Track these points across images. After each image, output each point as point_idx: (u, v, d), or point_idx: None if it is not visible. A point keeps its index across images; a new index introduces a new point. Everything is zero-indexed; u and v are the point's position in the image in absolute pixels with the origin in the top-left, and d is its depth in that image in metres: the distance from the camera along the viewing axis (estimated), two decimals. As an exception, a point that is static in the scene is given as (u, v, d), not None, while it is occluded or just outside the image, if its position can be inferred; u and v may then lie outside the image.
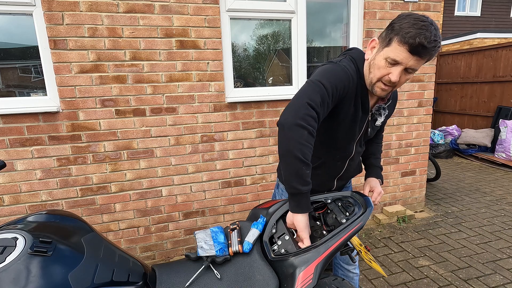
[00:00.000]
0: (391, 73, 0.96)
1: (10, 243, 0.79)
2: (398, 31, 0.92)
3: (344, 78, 1.02)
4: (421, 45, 0.88)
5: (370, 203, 1.04)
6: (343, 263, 1.49)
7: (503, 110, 5.26)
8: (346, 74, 1.03)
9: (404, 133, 3.03)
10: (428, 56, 0.93)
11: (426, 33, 0.88)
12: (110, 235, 2.36)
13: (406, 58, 0.92)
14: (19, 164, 2.08)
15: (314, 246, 0.94)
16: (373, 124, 1.23)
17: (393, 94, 1.25)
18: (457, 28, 11.27)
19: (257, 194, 2.67)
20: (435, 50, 0.91)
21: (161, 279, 0.95)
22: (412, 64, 0.94)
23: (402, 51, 0.92)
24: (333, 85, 0.98)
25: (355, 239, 1.25)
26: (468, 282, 2.13)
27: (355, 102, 1.10)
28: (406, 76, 0.98)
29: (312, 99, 0.94)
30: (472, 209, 3.31)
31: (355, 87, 1.07)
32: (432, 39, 0.88)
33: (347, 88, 1.03)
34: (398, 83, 0.99)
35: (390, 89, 1.02)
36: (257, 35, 2.63)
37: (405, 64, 0.94)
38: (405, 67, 0.95)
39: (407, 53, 0.92)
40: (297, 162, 0.92)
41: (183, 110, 2.34)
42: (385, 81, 0.99)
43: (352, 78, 1.05)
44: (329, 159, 1.25)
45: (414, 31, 0.88)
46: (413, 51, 0.90)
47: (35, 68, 2.15)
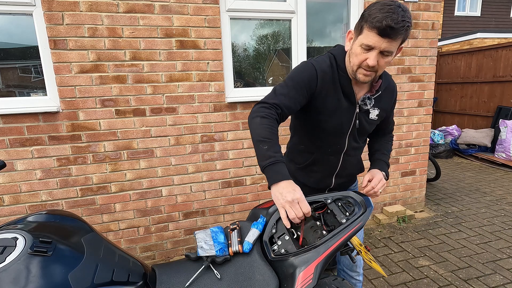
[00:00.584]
0: (368, 58, 1.01)
1: (10, 243, 0.79)
2: (367, 18, 0.98)
3: (308, 74, 1.11)
4: (389, 26, 0.93)
5: (370, 203, 1.04)
6: (347, 269, 1.48)
7: (503, 110, 5.26)
8: (312, 68, 1.12)
9: (404, 133, 3.03)
10: (399, 36, 0.96)
11: (393, 15, 0.92)
12: (110, 235, 2.36)
13: (378, 41, 0.97)
14: (19, 164, 2.08)
15: (314, 246, 0.94)
16: (367, 117, 1.22)
17: (389, 86, 1.23)
18: (457, 28, 11.27)
19: (257, 194, 2.67)
20: (404, 29, 0.95)
21: (161, 279, 0.95)
22: (386, 47, 0.98)
23: (373, 36, 0.97)
24: (295, 80, 1.10)
25: (355, 239, 1.25)
26: (468, 282, 2.13)
27: (337, 93, 1.15)
28: (384, 59, 1.02)
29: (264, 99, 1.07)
30: (472, 209, 3.31)
31: (331, 79, 1.13)
32: (399, 20, 0.92)
33: (316, 80, 1.11)
34: (378, 67, 1.03)
35: (372, 74, 1.06)
36: (257, 35, 2.63)
37: (379, 47, 0.98)
38: (380, 51, 0.99)
39: (377, 37, 0.96)
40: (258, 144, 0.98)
41: (183, 110, 2.34)
42: (364, 66, 1.04)
43: (324, 71, 1.12)
44: (321, 154, 1.27)
45: (381, 15, 0.93)
46: (382, 34, 0.95)
47: (35, 68, 2.15)
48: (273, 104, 1.05)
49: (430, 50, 2.92)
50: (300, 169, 1.37)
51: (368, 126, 1.25)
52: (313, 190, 1.38)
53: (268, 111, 1.03)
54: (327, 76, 1.13)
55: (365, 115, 1.22)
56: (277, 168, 0.96)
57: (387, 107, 1.26)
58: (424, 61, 2.93)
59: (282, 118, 1.09)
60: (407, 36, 1.00)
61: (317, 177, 1.34)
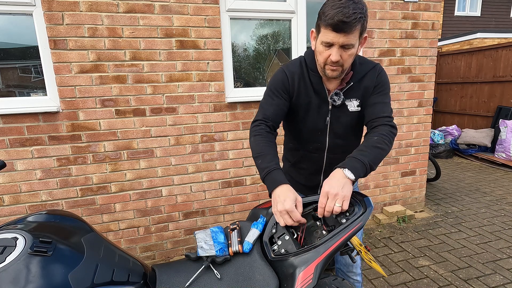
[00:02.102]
0: (330, 54, 1.04)
1: (10, 243, 0.79)
2: (321, 17, 1.01)
3: (280, 77, 1.20)
4: (341, 21, 0.95)
5: (370, 203, 1.04)
6: (344, 269, 1.48)
7: (503, 110, 5.26)
8: (282, 71, 1.21)
9: (404, 133, 3.03)
10: (353, 29, 0.98)
11: (344, 10, 0.95)
12: (110, 235, 2.36)
13: (335, 37, 1.00)
14: (19, 164, 2.08)
15: (314, 246, 0.94)
16: (346, 111, 1.20)
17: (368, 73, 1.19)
18: (457, 28, 11.27)
19: (257, 194, 2.67)
20: (357, 21, 0.96)
21: (161, 279, 0.95)
22: (344, 41, 1.00)
23: (329, 33, 1.00)
24: (271, 88, 1.20)
25: (355, 239, 1.25)
26: (468, 282, 2.13)
27: (308, 92, 1.20)
28: (347, 53, 1.04)
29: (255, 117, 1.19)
30: (472, 209, 3.31)
31: (302, 78, 1.19)
32: (350, 13, 0.95)
33: (286, 83, 1.19)
34: (343, 61, 1.05)
35: (339, 68, 1.08)
36: (257, 35, 2.63)
37: (337, 42, 1.01)
38: (340, 45, 1.01)
39: (333, 33, 0.99)
40: (255, 161, 1.10)
41: (183, 110, 2.34)
42: (329, 62, 1.06)
43: (292, 71, 1.19)
44: (305, 152, 1.31)
45: (332, 12, 0.96)
46: (337, 29, 0.97)
47: (35, 68, 2.15)
48: (261, 119, 1.17)
49: (430, 50, 2.92)
50: (291, 167, 1.43)
51: (349, 120, 1.22)
52: (305, 187, 1.41)
53: (258, 128, 1.15)
54: (297, 76, 1.19)
55: (343, 109, 1.21)
56: (272, 176, 1.03)
57: (366, 92, 1.21)
58: (424, 61, 2.93)
59: (274, 127, 1.19)
60: (364, 26, 1.02)
61: (305, 174, 1.38)
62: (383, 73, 1.22)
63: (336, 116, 1.22)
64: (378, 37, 2.73)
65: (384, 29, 2.73)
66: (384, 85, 1.20)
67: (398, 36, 2.79)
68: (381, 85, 1.20)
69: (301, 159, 1.35)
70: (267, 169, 1.04)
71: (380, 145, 1.06)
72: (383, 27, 2.72)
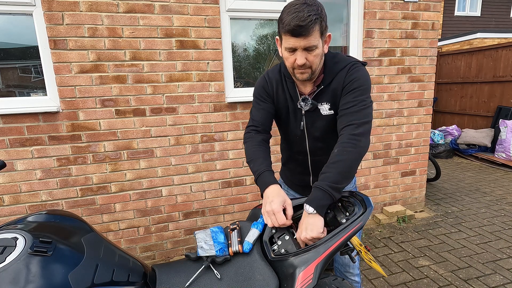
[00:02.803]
0: (296, 58, 1.05)
1: (10, 243, 0.79)
2: (279, 25, 1.04)
3: (262, 83, 1.25)
4: (298, 26, 0.96)
5: (370, 203, 1.04)
6: (342, 269, 1.48)
7: (503, 110, 5.26)
8: (263, 77, 1.26)
9: (404, 133, 3.03)
10: (311, 31, 0.98)
11: (299, 14, 0.96)
12: (110, 235, 2.36)
13: (296, 41, 1.00)
14: (19, 164, 2.08)
15: (314, 246, 0.94)
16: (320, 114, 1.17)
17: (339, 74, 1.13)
18: (457, 28, 11.27)
19: (257, 194, 2.67)
20: (313, 23, 0.97)
21: (161, 279, 0.95)
22: (305, 44, 1.00)
23: (289, 39, 1.01)
24: (256, 94, 1.27)
25: (355, 239, 1.25)
26: (468, 282, 2.13)
27: (285, 97, 1.23)
28: (312, 54, 1.04)
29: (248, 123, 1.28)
30: (472, 209, 3.31)
31: (280, 83, 1.23)
32: (306, 17, 0.95)
33: (267, 88, 1.24)
34: (310, 63, 1.05)
35: (307, 70, 1.08)
36: (257, 35, 2.63)
37: (299, 46, 1.01)
38: (303, 48, 1.02)
39: (293, 38, 1.00)
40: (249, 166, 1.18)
41: (183, 110, 2.34)
42: (296, 66, 1.07)
43: (271, 77, 1.24)
44: (292, 153, 1.35)
45: (288, 18, 0.98)
46: (295, 34, 0.98)
47: (35, 68, 2.15)
48: (251, 126, 1.25)
49: (430, 50, 2.92)
50: (284, 165, 1.49)
51: (325, 124, 1.20)
52: (299, 186, 1.44)
53: (249, 135, 1.24)
54: (275, 82, 1.23)
55: (316, 113, 1.19)
56: (262, 178, 1.09)
57: (336, 95, 1.15)
58: (424, 61, 2.93)
59: (265, 130, 1.25)
60: (323, 26, 1.01)
61: (295, 174, 1.41)
62: (355, 70, 1.12)
63: (311, 120, 1.21)
64: (378, 37, 2.73)
65: (384, 29, 2.73)
66: (355, 83, 1.10)
67: (398, 36, 2.79)
68: (351, 83, 1.11)
69: (289, 160, 1.40)
70: (258, 172, 1.11)
71: (341, 156, 1.01)
72: (383, 27, 2.72)
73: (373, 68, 2.78)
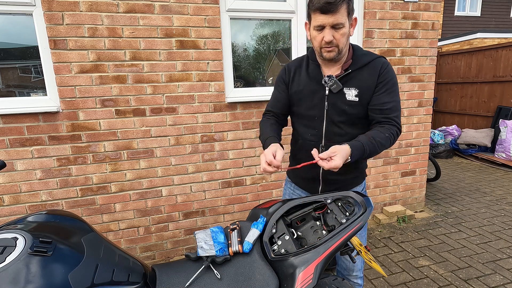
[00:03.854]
0: (324, 36, 1.13)
1: (10, 243, 0.79)
2: (309, 6, 1.13)
3: (281, 72, 1.38)
4: (327, 3, 1.06)
5: (370, 203, 1.04)
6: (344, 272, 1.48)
7: (503, 110, 5.25)
8: (282, 68, 1.38)
9: (404, 133, 3.03)
10: (339, 7, 1.07)
11: None
12: (110, 235, 2.36)
13: (324, 19, 1.09)
14: (19, 164, 2.08)
15: (314, 246, 0.94)
16: (344, 99, 1.21)
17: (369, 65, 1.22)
18: (457, 28, 11.27)
19: (257, 194, 2.67)
20: (341, 1, 1.07)
21: (161, 279, 0.95)
22: (333, 21, 1.09)
23: (318, 16, 1.10)
24: (275, 83, 1.40)
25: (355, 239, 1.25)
26: (468, 282, 2.13)
27: (306, 77, 1.29)
28: (339, 32, 1.12)
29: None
30: (472, 209, 3.31)
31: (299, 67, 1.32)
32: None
33: (285, 73, 1.35)
34: (337, 41, 1.13)
35: (334, 48, 1.15)
36: (257, 35, 2.63)
37: (327, 23, 1.10)
38: (331, 26, 1.10)
39: (322, 16, 1.09)
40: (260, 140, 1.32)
41: (183, 110, 2.34)
42: (324, 44, 1.15)
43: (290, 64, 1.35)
44: (303, 140, 1.34)
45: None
46: (324, 11, 1.08)
47: (35, 68, 2.15)
48: (266, 111, 1.42)
49: (430, 50, 2.92)
50: (292, 157, 1.49)
51: (347, 108, 1.22)
52: (305, 180, 1.40)
53: (264, 118, 1.40)
54: (294, 68, 1.33)
55: (340, 96, 1.22)
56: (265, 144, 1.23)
57: (368, 86, 1.20)
58: (424, 61, 2.93)
59: (278, 114, 1.38)
60: (351, 7, 1.12)
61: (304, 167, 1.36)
62: (389, 69, 1.21)
63: (333, 102, 1.24)
64: (378, 37, 2.73)
65: (384, 29, 2.73)
66: (391, 82, 1.20)
67: (398, 36, 2.79)
68: (387, 82, 1.19)
69: (300, 149, 1.36)
70: (263, 140, 1.26)
71: (386, 142, 1.16)
72: (383, 27, 2.72)
73: (373, 68, 2.77)
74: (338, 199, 1.09)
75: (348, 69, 1.21)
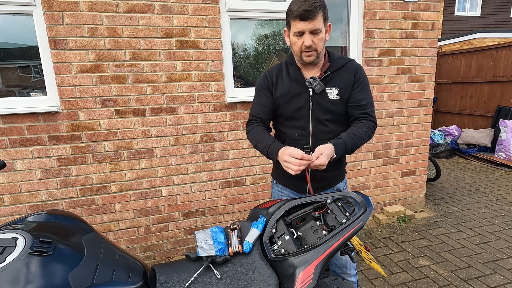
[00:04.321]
0: (304, 41, 1.21)
1: (10, 243, 0.79)
2: (288, 14, 1.22)
3: (262, 79, 1.41)
4: (305, 11, 1.15)
5: (370, 203, 1.04)
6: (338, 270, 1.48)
7: (503, 110, 5.25)
8: (263, 75, 1.42)
9: (404, 133, 3.03)
10: (316, 15, 1.16)
11: (305, 2, 1.15)
12: (110, 235, 2.36)
13: (304, 25, 1.18)
14: (19, 164, 2.08)
15: (314, 246, 0.94)
16: (327, 98, 1.31)
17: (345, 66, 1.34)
18: (457, 28, 11.27)
19: (257, 194, 2.67)
20: (317, 8, 1.16)
21: (161, 279, 0.95)
22: (312, 27, 1.18)
23: (298, 23, 1.19)
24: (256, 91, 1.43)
25: (355, 239, 1.25)
26: (468, 282, 2.13)
27: (288, 82, 1.34)
28: (317, 37, 1.21)
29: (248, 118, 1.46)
30: (472, 209, 3.31)
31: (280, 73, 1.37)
32: (311, 3, 1.14)
33: (267, 80, 1.38)
34: (316, 45, 1.22)
35: (313, 53, 1.24)
36: (257, 35, 2.63)
37: (307, 29, 1.19)
38: (309, 31, 1.19)
39: (301, 22, 1.18)
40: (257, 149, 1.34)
41: (183, 110, 2.34)
42: (304, 49, 1.23)
43: (271, 71, 1.40)
44: (291, 139, 1.39)
45: (296, 6, 1.17)
46: (303, 18, 1.16)
47: (35, 68, 2.15)
48: (251, 119, 1.42)
49: (430, 50, 2.92)
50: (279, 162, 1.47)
51: (331, 106, 1.32)
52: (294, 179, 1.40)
53: (250, 126, 1.41)
54: (275, 73, 1.38)
55: (323, 96, 1.32)
56: (272, 148, 1.25)
57: (346, 85, 1.33)
58: (424, 61, 2.93)
59: (265, 120, 1.40)
60: (326, 14, 1.21)
61: None
62: (362, 70, 1.37)
63: (317, 102, 1.32)
64: (378, 37, 2.73)
65: (384, 29, 2.73)
66: (365, 81, 1.36)
67: (398, 36, 2.79)
68: (362, 81, 1.35)
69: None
70: (267, 146, 1.26)
71: (365, 136, 1.31)
72: (383, 27, 2.72)
73: (373, 68, 2.78)
74: (338, 199, 1.09)
75: (327, 70, 1.32)
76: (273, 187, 1.56)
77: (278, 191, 1.52)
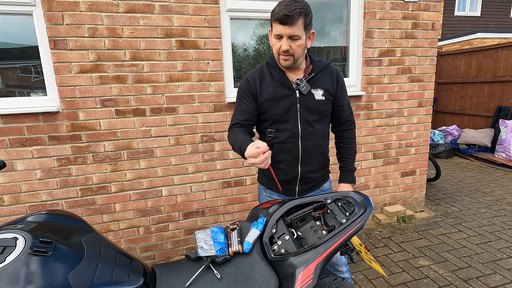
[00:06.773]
0: (282, 45, 1.21)
1: (10, 243, 0.79)
2: (271, 16, 1.21)
3: (243, 84, 1.38)
4: (285, 15, 1.14)
5: (370, 203, 1.04)
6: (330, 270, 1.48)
7: (503, 110, 5.25)
8: (244, 79, 1.39)
9: (404, 133, 3.03)
10: (296, 21, 1.16)
11: (287, 7, 1.15)
12: (110, 235, 2.36)
13: (282, 29, 1.18)
14: (19, 164, 2.08)
15: (314, 246, 0.94)
16: (313, 99, 1.33)
17: (326, 69, 1.37)
18: (457, 28, 11.27)
19: (257, 194, 2.67)
20: (297, 15, 1.15)
21: (161, 279, 0.95)
22: (290, 32, 1.18)
23: (277, 26, 1.19)
24: (238, 96, 1.39)
25: (355, 239, 1.25)
26: (468, 282, 2.13)
27: (273, 85, 1.34)
28: (295, 43, 1.21)
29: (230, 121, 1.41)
30: (472, 209, 3.31)
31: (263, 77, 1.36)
32: (292, 9, 1.14)
33: (249, 85, 1.35)
34: (293, 51, 1.22)
35: (290, 57, 1.24)
36: (257, 35, 2.63)
37: (285, 34, 1.19)
38: (288, 36, 1.19)
39: (280, 26, 1.18)
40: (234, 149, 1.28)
41: (183, 110, 2.34)
42: (281, 52, 1.24)
43: (253, 75, 1.37)
44: (281, 141, 1.37)
45: (278, 9, 1.17)
46: (282, 22, 1.17)
47: (35, 68, 2.15)
48: (232, 125, 1.37)
49: (430, 50, 2.92)
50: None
51: (317, 107, 1.35)
52: (285, 182, 1.42)
53: (230, 130, 1.37)
54: (257, 77, 1.36)
55: (309, 97, 1.33)
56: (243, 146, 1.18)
57: (329, 86, 1.37)
58: (424, 61, 2.93)
59: (247, 126, 1.36)
60: (308, 21, 1.20)
61: (283, 167, 1.40)
62: (340, 73, 1.42)
63: (304, 103, 1.33)
64: (378, 37, 2.73)
65: (384, 29, 2.73)
66: (344, 84, 1.42)
67: (398, 36, 2.79)
68: (342, 84, 1.41)
69: (278, 152, 1.38)
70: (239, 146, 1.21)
71: (355, 147, 1.51)
72: (383, 27, 2.72)
73: (373, 68, 2.78)
74: (338, 199, 1.09)
75: (311, 72, 1.34)
76: (261, 192, 1.53)
77: (267, 196, 1.50)
